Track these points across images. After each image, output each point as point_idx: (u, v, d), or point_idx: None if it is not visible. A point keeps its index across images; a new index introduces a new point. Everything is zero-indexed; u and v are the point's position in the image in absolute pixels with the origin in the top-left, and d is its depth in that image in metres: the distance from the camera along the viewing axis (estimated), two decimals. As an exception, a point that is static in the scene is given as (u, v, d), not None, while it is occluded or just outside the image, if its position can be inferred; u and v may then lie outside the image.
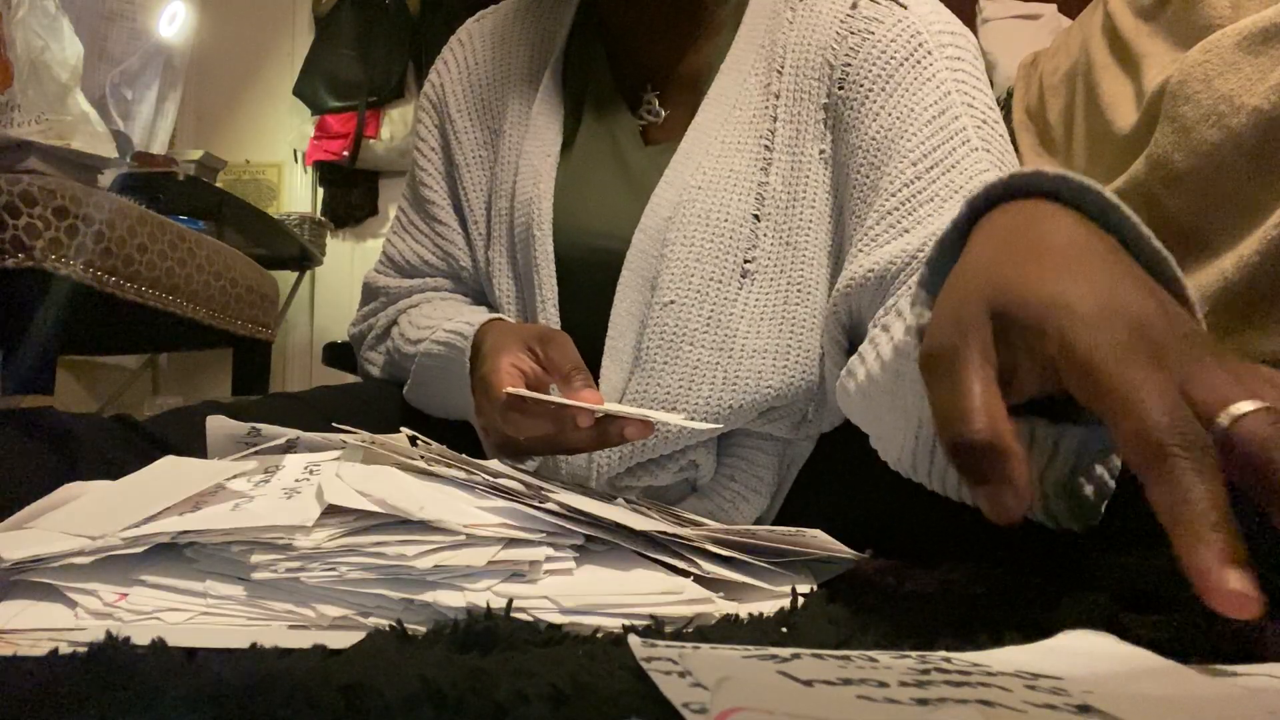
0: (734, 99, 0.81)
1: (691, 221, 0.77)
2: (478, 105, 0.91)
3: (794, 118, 0.78)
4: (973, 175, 0.68)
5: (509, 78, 0.90)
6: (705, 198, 0.77)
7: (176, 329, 1.76)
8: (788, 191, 0.77)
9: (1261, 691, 0.33)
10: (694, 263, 0.76)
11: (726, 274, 0.76)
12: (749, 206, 0.77)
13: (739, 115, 0.80)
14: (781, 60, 0.80)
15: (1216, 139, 0.93)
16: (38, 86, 1.41)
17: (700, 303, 0.76)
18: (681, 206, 0.77)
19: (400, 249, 0.95)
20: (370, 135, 2.94)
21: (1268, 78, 0.89)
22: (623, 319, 0.77)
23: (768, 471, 0.78)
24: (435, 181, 0.93)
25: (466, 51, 0.94)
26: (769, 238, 0.77)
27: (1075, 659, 0.36)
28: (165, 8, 2.51)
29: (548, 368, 0.68)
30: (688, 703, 0.27)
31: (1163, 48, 1.12)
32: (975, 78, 0.76)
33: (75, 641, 0.39)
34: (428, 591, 0.46)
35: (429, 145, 0.94)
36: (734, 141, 0.79)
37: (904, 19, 0.76)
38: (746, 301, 0.76)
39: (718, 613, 0.48)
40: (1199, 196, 0.98)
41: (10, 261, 1.28)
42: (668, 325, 0.76)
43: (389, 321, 0.94)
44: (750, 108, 0.80)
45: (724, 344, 0.75)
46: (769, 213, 0.77)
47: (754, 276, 0.76)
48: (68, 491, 0.55)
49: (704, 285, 0.76)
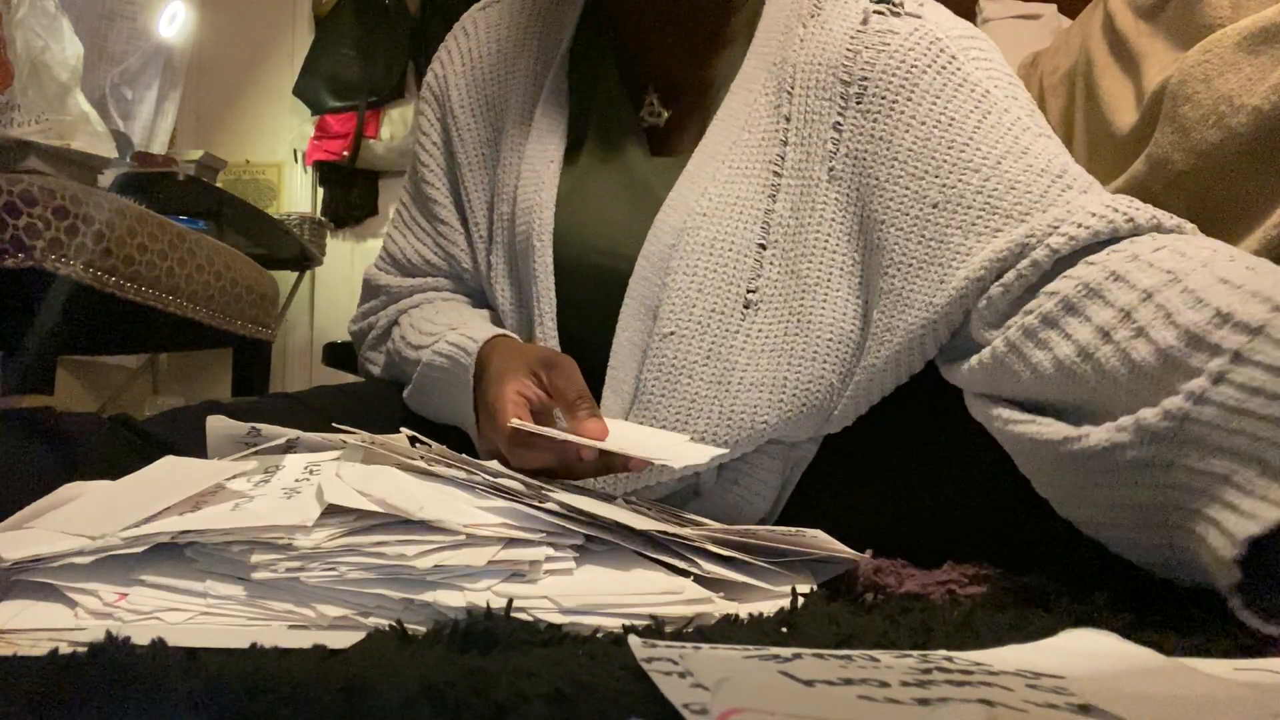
0: (743, 120, 0.79)
1: (695, 250, 0.75)
2: (481, 100, 0.89)
3: (804, 140, 0.77)
4: (1050, 159, 0.67)
5: (513, 72, 0.88)
6: (710, 225, 0.76)
7: (176, 329, 1.76)
8: (795, 218, 0.76)
9: (1262, 690, 0.33)
10: (695, 293, 0.75)
11: (729, 305, 0.75)
12: (754, 235, 0.76)
13: (748, 138, 0.78)
14: (791, 80, 0.78)
15: (1216, 139, 0.93)
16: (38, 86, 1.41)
17: (701, 335, 0.75)
18: (686, 233, 0.76)
19: (401, 246, 0.94)
20: (370, 135, 2.93)
21: (1268, 78, 0.89)
22: (624, 349, 0.76)
23: (772, 475, 0.77)
24: (437, 178, 0.92)
25: (471, 43, 0.91)
26: (774, 266, 0.76)
27: (1076, 658, 0.36)
28: (165, 8, 2.51)
29: (553, 394, 0.67)
30: (688, 703, 0.27)
31: (1163, 48, 1.12)
32: (1009, 76, 0.75)
33: (75, 641, 0.39)
34: (428, 591, 0.46)
35: (430, 140, 0.93)
36: (742, 166, 0.78)
37: (920, 27, 0.75)
38: (748, 333, 0.75)
39: (718, 613, 0.48)
40: (1199, 196, 0.98)
41: (10, 261, 1.28)
42: (667, 357, 0.75)
43: (389, 322, 0.93)
44: (759, 130, 0.78)
45: (722, 377, 0.74)
46: (775, 240, 0.76)
47: (757, 307, 0.75)
48: (68, 491, 0.55)
49: (705, 317, 0.75)
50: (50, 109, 1.42)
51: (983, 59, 0.75)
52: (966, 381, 0.67)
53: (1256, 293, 0.47)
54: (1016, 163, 0.67)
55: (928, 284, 0.68)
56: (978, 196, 0.67)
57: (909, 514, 0.72)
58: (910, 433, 0.75)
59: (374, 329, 0.95)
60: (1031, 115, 0.72)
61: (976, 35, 0.77)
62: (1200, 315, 0.49)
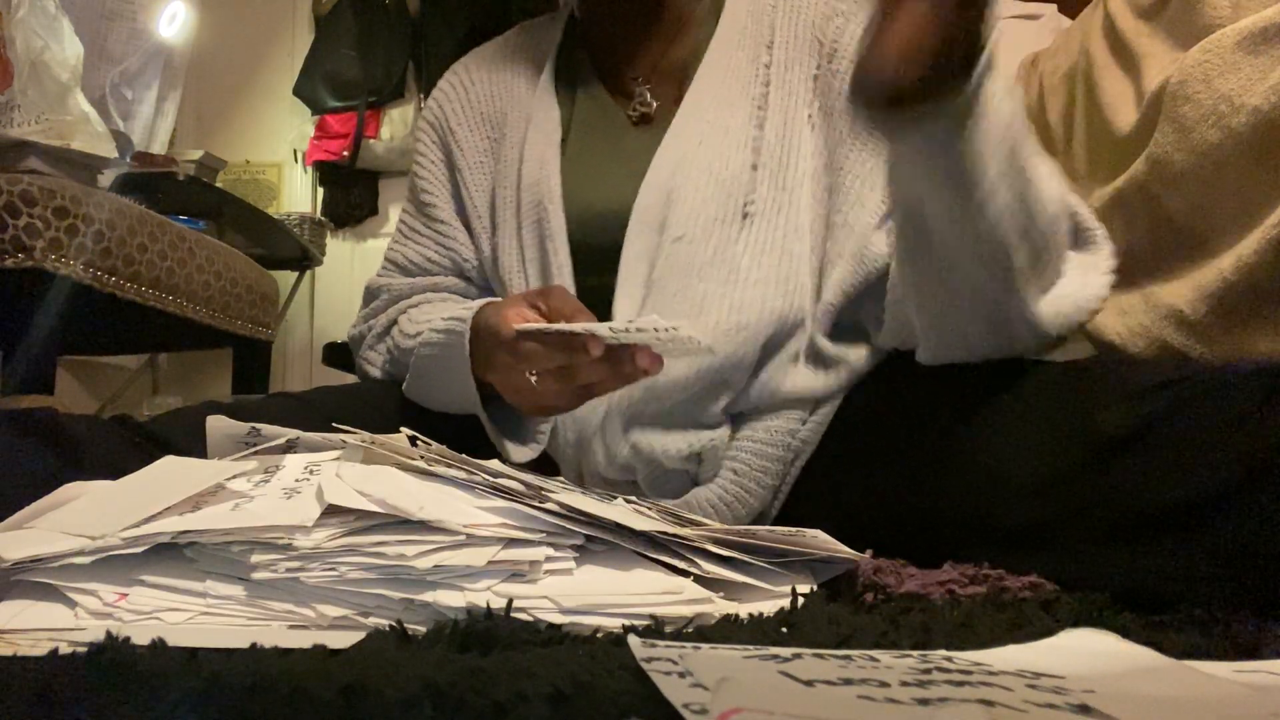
0: (723, 73, 0.87)
1: (695, 172, 0.82)
2: (477, 117, 0.97)
3: (784, 83, 0.86)
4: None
5: (507, 92, 0.97)
6: (706, 152, 0.83)
7: (176, 329, 1.76)
8: (781, 145, 0.84)
9: (1262, 690, 0.33)
10: (700, 204, 0.81)
11: (729, 215, 0.82)
12: (747, 158, 0.83)
13: (730, 84, 0.86)
14: (770, 37, 0.87)
15: (1216, 139, 0.93)
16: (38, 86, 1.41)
17: (706, 239, 0.81)
18: (684, 162, 0.83)
19: (404, 253, 0.98)
20: (370, 135, 2.93)
21: (1268, 77, 0.89)
22: (633, 259, 0.82)
23: (773, 464, 0.78)
24: (436, 189, 0.97)
25: (463, 78, 1.00)
26: (766, 184, 0.83)
27: (1076, 658, 0.36)
28: (165, 8, 2.51)
29: (551, 316, 0.71)
30: (688, 703, 0.27)
31: (1163, 48, 1.12)
32: None
33: (75, 641, 0.39)
34: (428, 591, 0.46)
35: (429, 159, 0.99)
36: (728, 104, 0.86)
37: None
38: (748, 241, 0.81)
39: (718, 613, 0.48)
40: (1199, 196, 0.98)
41: (10, 261, 1.28)
42: (678, 259, 0.80)
43: (389, 321, 0.94)
44: (741, 78, 0.87)
45: (729, 277, 0.80)
46: (765, 162, 0.83)
47: (753, 219, 0.82)
48: (68, 491, 0.55)
49: (710, 224, 0.81)
50: (50, 109, 1.42)
51: None
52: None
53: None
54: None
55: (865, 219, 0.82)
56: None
57: (909, 514, 0.72)
58: (910, 432, 0.75)
59: (374, 329, 0.96)
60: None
61: None
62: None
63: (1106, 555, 0.58)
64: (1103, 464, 0.59)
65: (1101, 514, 0.59)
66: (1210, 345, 0.92)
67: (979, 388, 0.70)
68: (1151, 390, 0.59)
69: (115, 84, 2.36)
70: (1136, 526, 0.57)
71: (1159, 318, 1.00)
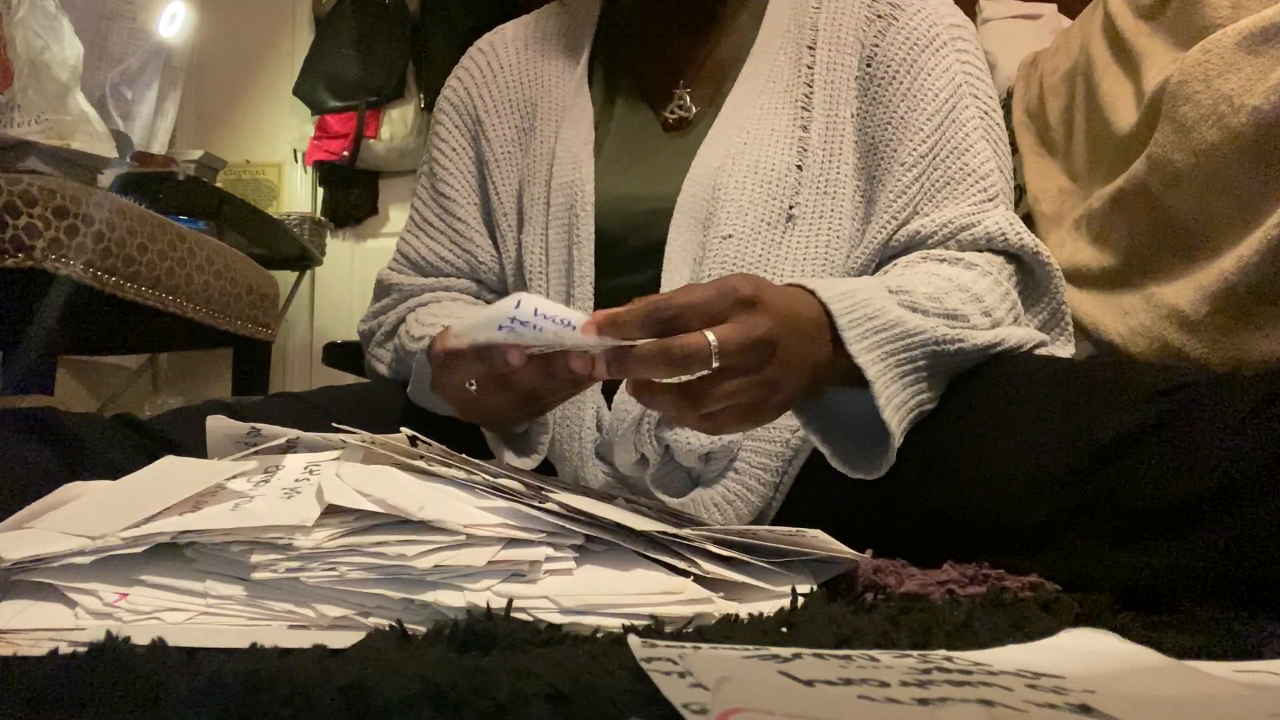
0: (767, 74, 0.87)
1: (741, 170, 0.82)
2: (506, 103, 0.95)
3: (828, 84, 0.86)
4: (981, 163, 0.82)
5: (537, 80, 0.95)
6: (752, 151, 0.83)
7: (176, 329, 1.76)
8: (824, 147, 0.84)
9: (1262, 690, 0.33)
10: (747, 203, 0.82)
11: (774, 217, 0.82)
12: (792, 158, 0.84)
13: (774, 85, 0.87)
14: (813, 38, 0.88)
15: (1216, 139, 0.93)
16: (38, 86, 1.41)
17: (753, 240, 0.81)
18: (730, 158, 0.83)
19: (415, 247, 0.96)
20: (370, 135, 2.93)
21: (1268, 78, 0.89)
22: (678, 254, 0.82)
23: (773, 461, 0.78)
24: (458, 180, 0.95)
25: (490, 58, 0.98)
26: (810, 187, 0.83)
27: (1076, 658, 0.36)
28: (165, 8, 2.50)
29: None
30: (688, 703, 0.27)
31: (1163, 48, 1.12)
32: (980, 69, 0.87)
33: (75, 641, 0.39)
34: (428, 591, 0.46)
35: (450, 146, 0.96)
36: (772, 106, 0.86)
37: (922, 9, 0.86)
38: (792, 245, 0.82)
39: (718, 613, 0.48)
40: (1199, 196, 0.98)
41: (10, 261, 1.28)
42: (728, 256, 0.81)
43: (398, 319, 0.93)
44: (784, 79, 0.87)
45: (774, 281, 0.78)
46: (809, 164, 0.84)
47: (797, 221, 0.82)
48: (67, 491, 0.55)
49: (756, 224, 0.82)
50: (50, 109, 1.42)
51: (963, 50, 0.86)
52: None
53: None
54: (954, 159, 0.81)
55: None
56: (918, 165, 0.82)
57: (909, 514, 0.72)
58: (911, 432, 0.75)
59: (383, 327, 0.95)
60: (984, 116, 0.85)
61: (961, 24, 0.88)
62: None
63: (1107, 555, 0.58)
64: (1103, 464, 0.59)
65: (1102, 514, 0.59)
66: (1211, 345, 0.92)
67: (979, 388, 0.70)
68: (1152, 392, 0.60)
69: (115, 84, 2.36)
70: (1137, 527, 0.57)
71: (1160, 318, 1.00)
